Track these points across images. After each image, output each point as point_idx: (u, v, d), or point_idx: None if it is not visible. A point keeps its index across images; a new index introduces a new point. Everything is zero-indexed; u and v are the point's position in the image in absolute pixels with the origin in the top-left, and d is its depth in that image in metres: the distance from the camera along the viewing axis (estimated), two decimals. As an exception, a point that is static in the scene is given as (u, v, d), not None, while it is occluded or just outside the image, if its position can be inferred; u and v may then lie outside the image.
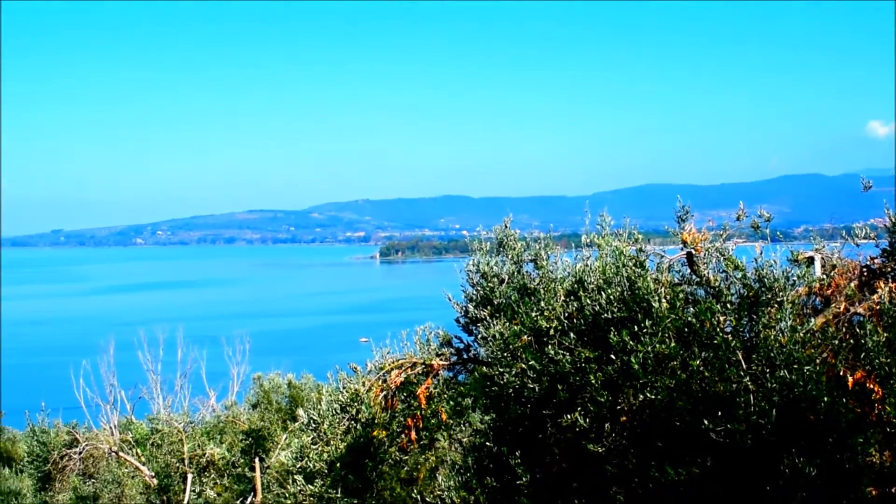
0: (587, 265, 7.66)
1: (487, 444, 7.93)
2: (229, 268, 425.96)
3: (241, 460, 15.48)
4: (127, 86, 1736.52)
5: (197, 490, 15.19)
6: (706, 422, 6.21)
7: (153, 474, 15.32)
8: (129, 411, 17.79)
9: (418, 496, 8.44)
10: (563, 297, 7.59)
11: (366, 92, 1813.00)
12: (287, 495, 8.68)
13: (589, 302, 7.27)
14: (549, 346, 7.22)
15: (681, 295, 7.04)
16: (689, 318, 6.61)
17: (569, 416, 7.08)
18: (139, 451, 15.97)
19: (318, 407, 8.64)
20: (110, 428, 17.24)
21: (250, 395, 23.56)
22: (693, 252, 7.41)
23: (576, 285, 7.54)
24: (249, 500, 14.31)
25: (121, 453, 15.84)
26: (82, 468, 16.39)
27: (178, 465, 15.40)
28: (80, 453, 16.31)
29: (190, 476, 15.28)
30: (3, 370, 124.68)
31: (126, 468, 15.77)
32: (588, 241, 7.84)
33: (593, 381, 6.96)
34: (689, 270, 7.52)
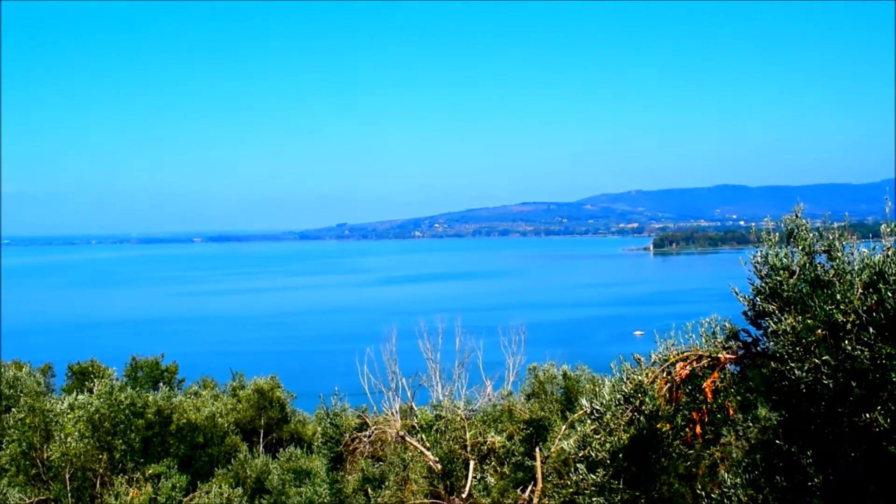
0: (888, 256, 7.21)
1: (777, 441, 7.64)
2: (504, 259, 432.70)
3: (521, 449, 15.63)
4: (399, 84, 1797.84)
5: (478, 477, 15.49)
6: None
7: (437, 459, 15.74)
8: (409, 398, 18.34)
9: (702, 492, 8.21)
10: (860, 290, 7.19)
11: (638, 82, 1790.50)
12: (569, 484, 8.69)
13: (890, 295, 6.86)
14: (846, 341, 6.87)
15: None
16: None
17: (867, 416, 6.72)
18: (424, 436, 16.45)
19: (601, 397, 8.59)
20: (392, 413, 17.85)
21: (525, 385, 23.79)
22: None
23: (875, 277, 7.12)
24: (529, 488, 14.44)
25: (407, 438, 16.36)
26: (371, 451, 17.08)
27: (460, 451, 15.76)
28: (370, 436, 17.01)
29: (472, 463, 15.61)
30: (296, 355, 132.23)
31: (411, 452, 16.30)
32: (889, 230, 7.37)
33: (894, 379, 6.57)
34: None
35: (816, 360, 7.01)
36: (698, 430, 8.24)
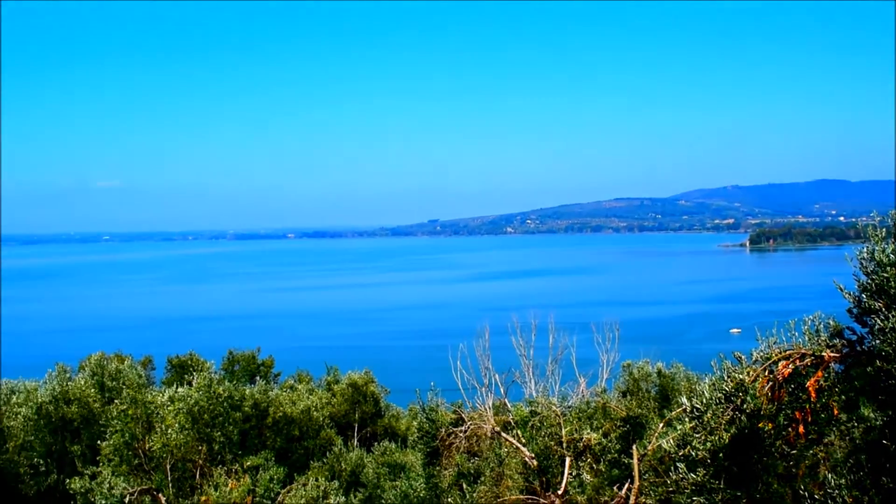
0: None
1: (883, 442, 7.44)
2: (596, 256, 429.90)
3: (617, 446, 15.50)
4: (490, 80, 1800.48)
5: (574, 473, 15.41)
6: None
7: (533, 455, 15.69)
8: (503, 394, 18.31)
9: (804, 493, 8.04)
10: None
11: (733, 76, 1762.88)
12: (667, 482, 8.58)
13: None
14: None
15: None
16: None
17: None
18: (519, 432, 16.42)
19: (701, 395, 8.46)
20: (486, 409, 17.84)
21: (619, 382, 23.63)
22: None
23: None
24: (626, 486, 14.32)
25: (502, 433, 16.35)
26: (466, 446, 17.11)
27: (556, 447, 15.69)
28: (465, 432, 17.04)
29: (567, 459, 15.53)
30: (389, 351, 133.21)
31: (506, 448, 16.28)
32: None
33: None
34: None
35: (926, 360, 6.82)
36: (801, 429, 8.07)
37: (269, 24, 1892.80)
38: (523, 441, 16.00)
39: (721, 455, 8.17)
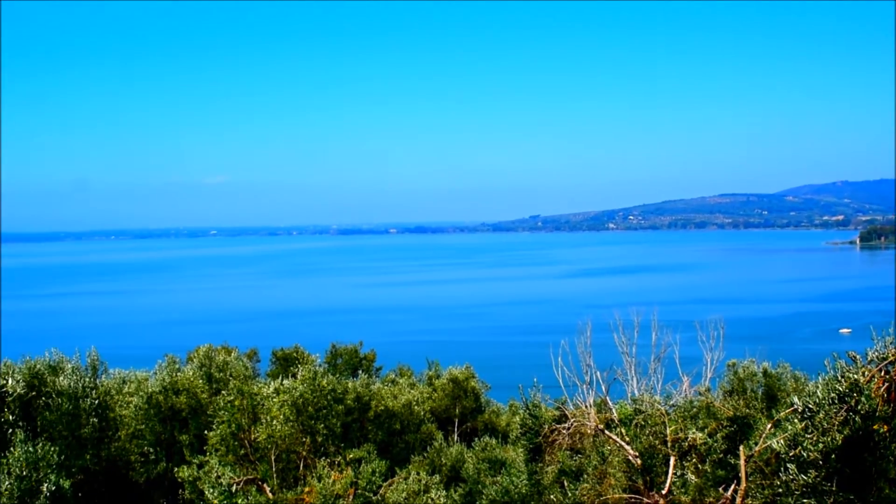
0: None
1: None
2: (701, 253, 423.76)
3: (723, 446, 15.20)
4: (592, 75, 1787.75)
5: (678, 473, 15.17)
6: None
7: (637, 454, 15.50)
8: (604, 392, 18.11)
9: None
10: None
11: (842, 68, 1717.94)
12: (777, 484, 8.38)
13: None
14: None
15: None
16: None
17: None
18: (623, 430, 16.24)
19: (814, 395, 8.23)
20: (586, 407, 17.67)
21: (724, 381, 23.17)
22: None
23: None
24: (732, 487, 14.03)
25: (606, 431, 16.19)
26: (569, 443, 16.99)
27: (660, 446, 15.46)
28: (569, 429, 16.92)
29: (672, 459, 15.30)
30: (490, 346, 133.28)
31: (609, 446, 16.12)
32: None
33: None
34: None
35: None
36: (918, 433, 7.79)
37: (370, 19, 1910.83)
38: (627, 439, 15.81)
39: (833, 457, 7.93)
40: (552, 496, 16.13)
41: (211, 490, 17.50)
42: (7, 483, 11.39)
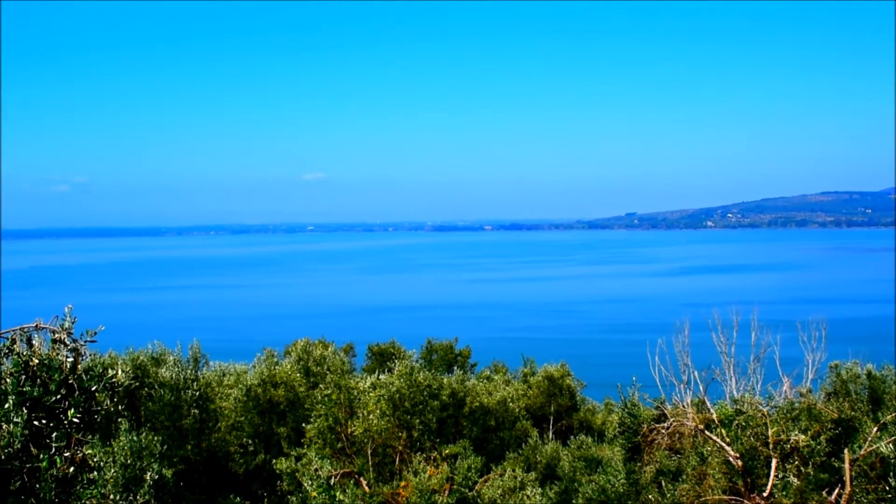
0: None
1: None
2: (802, 251, 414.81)
3: (826, 449, 14.89)
4: (689, 69, 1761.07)
5: (780, 476, 14.90)
6: None
7: (737, 455, 15.27)
8: (702, 392, 17.88)
9: None
10: None
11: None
12: (884, 488, 8.18)
13: None
14: None
15: None
16: None
17: None
18: (723, 431, 16.01)
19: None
20: (684, 406, 17.47)
21: (826, 383, 22.66)
22: None
23: None
24: (836, 491, 13.74)
25: (706, 432, 15.99)
26: (668, 443, 16.81)
27: (762, 448, 15.21)
28: (668, 428, 16.74)
29: (774, 461, 15.03)
30: (585, 344, 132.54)
31: (709, 447, 15.91)
32: None
33: None
34: None
35: None
36: None
37: (480, 17, 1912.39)
38: (727, 440, 15.58)
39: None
40: (650, 496, 15.98)
41: (309, 482, 17.75)
42: (112, 471, 11.69)
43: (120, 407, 9.69)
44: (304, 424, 21.31)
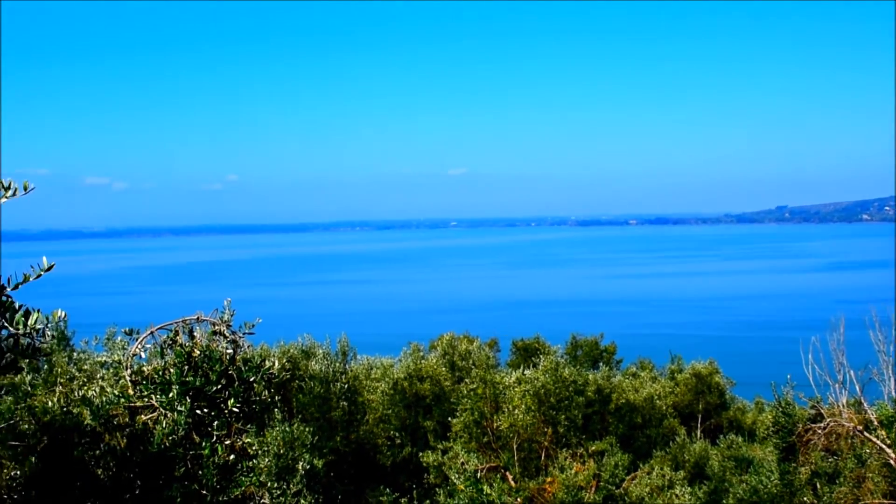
0: None
1: None
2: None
3: None
4: (847, 61, 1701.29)
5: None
6: None
7: (902, 458, 14.73)
8: (858, 391, 17.26)
9: None
10: None
11: None
12: None
13: None
14: None
15: None
16: None
17: None
18: (884, 432, 15.44)
19: None
20: (839, 406, 16.89)
21: None
22: None
23: None
24: None
25: (865, 433, 15.45)
26: (825, 444, 16.30)
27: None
28: (824, 429, 16.23)
29: (939, 465, 14.44)
30: (734, 341, 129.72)
31: (868, 449, 15.36)
32: None
33: None
34: None
35: None
36: None
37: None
38: (888, 442, 15.01)
39: None
40: (804, 498, 15.53)
41: (457, 476, 17.90)
42: (266, 461, 12.02)
43: (276, 398, 9.96)
44: (449, 418, 21.49)
